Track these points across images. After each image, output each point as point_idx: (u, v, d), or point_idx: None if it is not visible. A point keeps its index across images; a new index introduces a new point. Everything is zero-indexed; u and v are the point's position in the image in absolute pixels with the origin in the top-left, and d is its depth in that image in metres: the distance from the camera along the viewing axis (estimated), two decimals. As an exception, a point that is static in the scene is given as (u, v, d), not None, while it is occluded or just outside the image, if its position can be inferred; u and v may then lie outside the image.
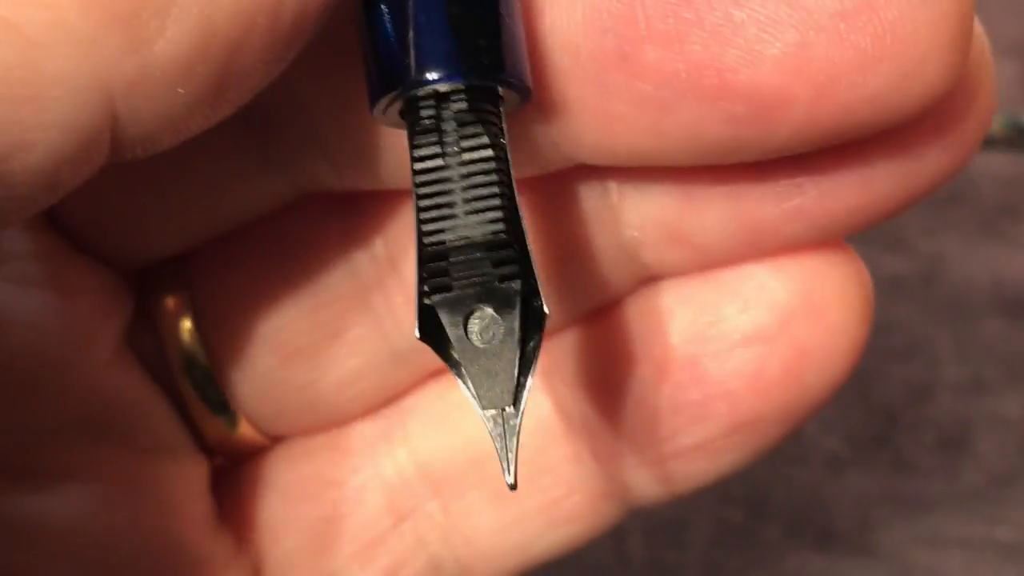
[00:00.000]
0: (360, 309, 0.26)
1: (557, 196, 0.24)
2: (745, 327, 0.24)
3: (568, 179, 0.24)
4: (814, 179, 0.22)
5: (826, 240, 0.24)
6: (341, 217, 0.26)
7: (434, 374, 0.27)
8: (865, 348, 0.25)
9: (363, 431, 0.27)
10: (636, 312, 0.25)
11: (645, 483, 0.26)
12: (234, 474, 0.28)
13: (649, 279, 0.25)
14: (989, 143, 0.47)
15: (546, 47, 0.21)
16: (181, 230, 0.25)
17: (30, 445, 0.24)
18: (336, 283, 0.26)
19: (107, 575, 0.25)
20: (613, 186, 0.24)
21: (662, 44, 0.20)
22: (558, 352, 0.26)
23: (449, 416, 0.27)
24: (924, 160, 0.22)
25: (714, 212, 0.23)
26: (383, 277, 0.26)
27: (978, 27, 0.22)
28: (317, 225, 0.26)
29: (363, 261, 0.26)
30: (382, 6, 0.20)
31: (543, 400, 0.26)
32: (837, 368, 0.24)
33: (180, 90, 0.18)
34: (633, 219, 0.24)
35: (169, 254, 0.26)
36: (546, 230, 0.24)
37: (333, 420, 0.27)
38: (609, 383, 0.25)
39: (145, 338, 0.26)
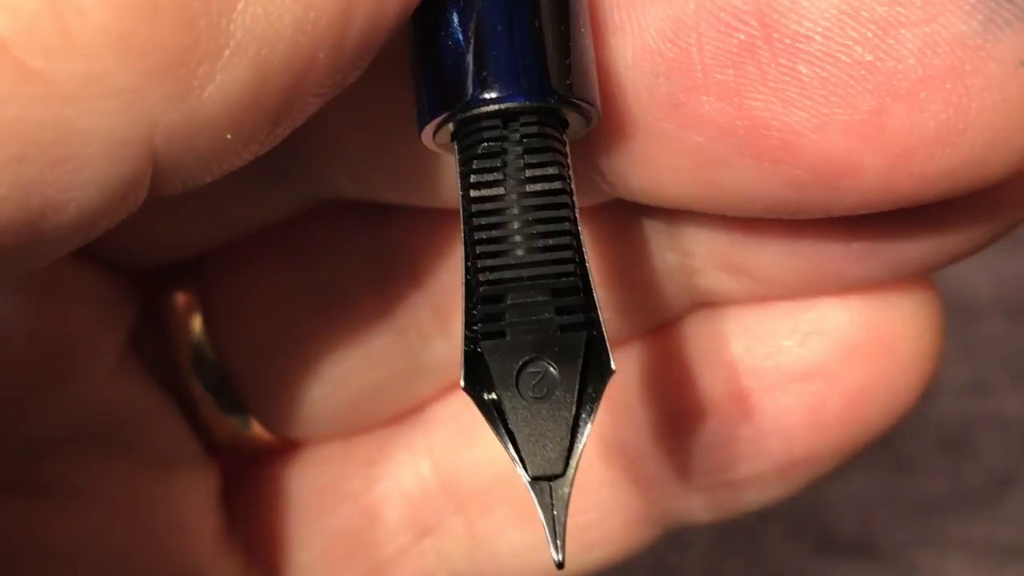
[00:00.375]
0: (384, 321, 0.25)
1: (609, 217, 0.23)
2: (804, 361, 0.23)
3: (626, 210, 0.23)
4: (888, 216, 0.20)
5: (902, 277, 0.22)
6: (367, 225, 0.24)
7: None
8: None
9: (383, 439, 0.26)
10: (684, 338, 0.24)
11: (687, 509, 0.25)
12: (246, 479, 0.27)
13: (706, 304, 0.24)
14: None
15: None
16: (193, 236, 0.24)
17: (26, 459, 0.23)
18: (359, 292, 0.25)
19: None
20: (670, 212, 0.22)
21: (719, 96, 0.19)
22: None
23: (476, 428, 0.25)
24: (1012, 201, 0.21)
25: (774, 246, 0.22)
26: (408, 290, 0.25)
27: None
28: (341, 232, 0.25)
29: (388, 272, 0.25)
30: (444, 18, 0.18)
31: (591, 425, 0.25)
32: (902, 402, 0.23)
33: (228, 136, 0.17)
34: (688, 245, 0.23)
35: (180, 258, 0.25)
36: (595, 249, 0.23)
37: (350, 430, 0.26)
38: (651, 410, 0.24)
39: (152, 338, 0.25)
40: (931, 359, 0.23)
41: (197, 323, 0.25)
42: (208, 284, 0.25)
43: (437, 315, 0.25)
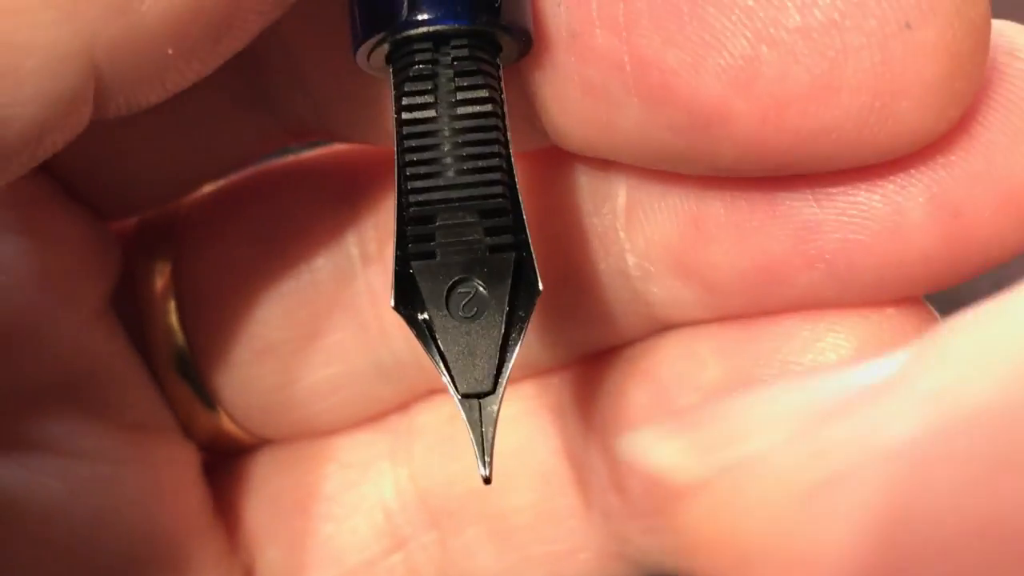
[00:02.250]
0: (345, 313, 0.25)
1: (561, 213, 0.23)
2: None
3: (574, 195, 0.22)
4: (837, 222, 0.20)
5: (864, 298, 0.21)
6: (334, 208, 0.24)
7: (440, 390, 0.25)
8: None
9: (365, 442, 0.26)
10: (661, 357, 0.23)
11: (658, 549, 0.24)
12: (226, 469, 0.27)
13: (663, 324, 0.23)
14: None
15: None
16: (168, 170, 0.24)
17: (5, 411, 0.23)
18: (321, 281, 0.24)
19: (85, 567, 0.23)
20: (621, 204, 0.22)
21: (611, 30, 0.19)
22: (569, 391, 0.24)
23: (457, 440, 0.25)
24: (973, 222, 0.19)
25: (723, 245, 0.21)
26: (373, 281, 0.24)
27: None
28: (311, 218, 0.25)
29: (353, 260, 0.24)
30: None
31: (550, 442, 0.25)
32: None
33: (169, 50, 0.17)
34: (639, 244, 0.22)
35: (158, 200, 0.25)
36: (549, 250, 0.22)
37: (314, 428, 0.26)
38: (622, 433, 0.23)
39: (132, 325, 0.25)
40: None
41: (173, 313, 0.25)
42: (182, 266, 0.25)
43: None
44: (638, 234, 0.22)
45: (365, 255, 0.24)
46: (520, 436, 0.25)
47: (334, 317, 0.25)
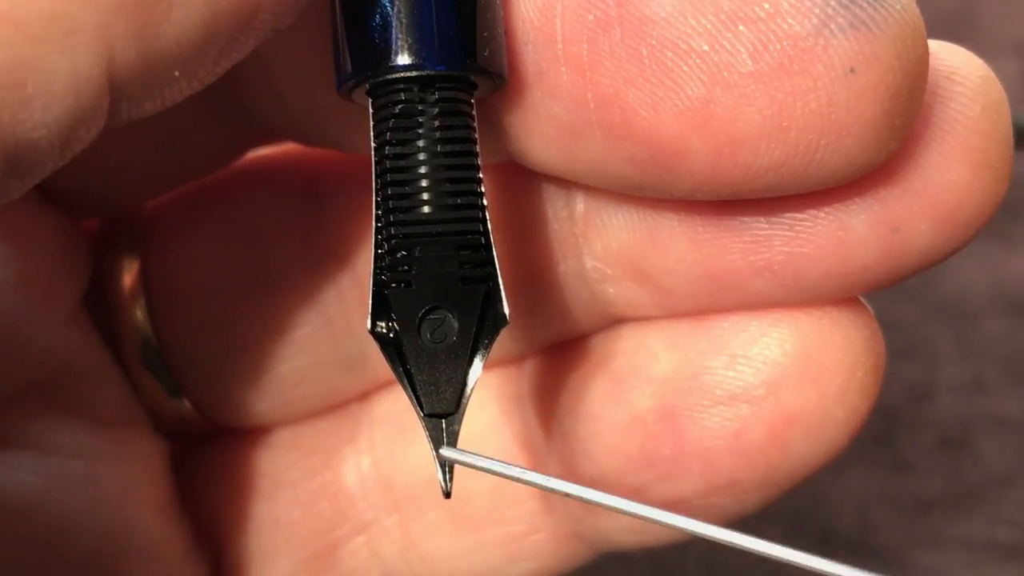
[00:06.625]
0: (311, 308, 0.25)
1: (522, 217, 0.24)
2: (730, 384, 0.23)
3: (534, 202, 0.23)
4: (785, 236, 0.21)
5: (808, 300, 0.22)
6: (299, 206, 0.25)
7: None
8: (868, 418, 0.23)
9: (327, 430, 0.27)
10: (616, 350, 0.24)
11: (612, 531, 0.25)
12: (191, 458, 0.27)
13: (619, 319, 0.24)
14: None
15: None
16: (140, 172, 0.25)
17: None
18: (289, 278, 0.25)
19: (60, 562, 0.24)
20: (579, 212, 0.23)
21: (575, 69, 0.20)
22: (528, 381, 0.25)
23: (416, 429, 0.26)
24: (910, 236, 0.21)
25: (678, 253, 0.22)
26: (340, 280, 0.25)
27: (999, 117, 0.20)
28: (277, 215, 0.25)
29: (321, 260, 0.25)
30: None
31: (509, 429, 0.26)
32: (830, 438, 0.23)
33: (176, 73, 0.18)
34: (596, 249, 0.23)
35: (130, 201, 0.25)
36: (511, 252, 0.23)
37: (279, 417, 0.27)
38: (579, 422, 0.24)
39: (101, 320, 0.26)
40: (863, 395, 0.23)
41: (140, 307, 0.26)
42: (150, 263, 0.26)
43: (365, 305, 0.25)
44: (595, 240, 0.23)
45: (330, 250, 0.25)
46: (481, 423, 0.25)
47: (301, 312, 0.25)
